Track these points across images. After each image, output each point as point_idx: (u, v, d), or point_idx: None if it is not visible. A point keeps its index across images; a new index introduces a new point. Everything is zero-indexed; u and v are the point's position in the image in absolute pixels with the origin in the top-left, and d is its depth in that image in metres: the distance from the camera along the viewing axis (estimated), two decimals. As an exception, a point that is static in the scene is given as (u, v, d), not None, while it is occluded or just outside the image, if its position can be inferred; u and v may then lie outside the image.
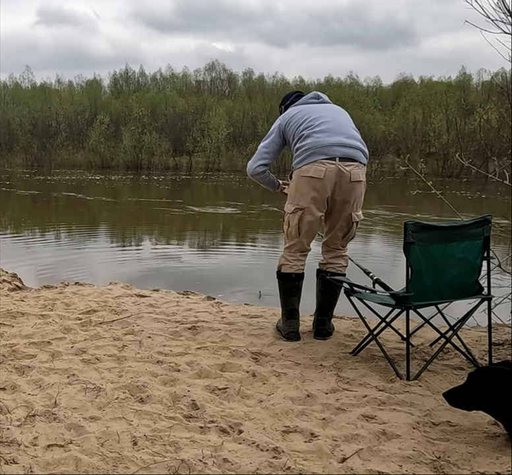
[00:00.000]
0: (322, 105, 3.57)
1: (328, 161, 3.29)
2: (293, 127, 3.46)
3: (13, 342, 3.41)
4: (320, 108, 3.52)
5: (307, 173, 3.32)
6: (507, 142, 4.05)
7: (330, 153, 3.29)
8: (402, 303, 2.88)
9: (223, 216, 13.54)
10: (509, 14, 3.24)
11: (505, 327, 3.67)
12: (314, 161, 3.31)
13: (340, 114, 3.53)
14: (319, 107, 3.52)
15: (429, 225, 2.85)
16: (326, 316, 3.59)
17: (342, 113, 3.55)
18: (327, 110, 3.51)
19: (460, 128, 35.49)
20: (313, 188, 3.33)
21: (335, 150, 3.30)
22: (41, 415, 2.43)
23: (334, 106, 3.61)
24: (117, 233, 11.07)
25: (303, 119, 3.44)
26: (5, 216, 12.79)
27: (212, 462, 2.06)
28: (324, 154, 3.29)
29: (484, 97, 34.41)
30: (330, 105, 3.60)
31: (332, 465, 2.05)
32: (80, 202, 16.87)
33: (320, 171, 3.29)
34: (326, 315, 3.59)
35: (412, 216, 11.79)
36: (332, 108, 3.56)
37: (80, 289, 4.88)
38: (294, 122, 3.47)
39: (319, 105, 3.56)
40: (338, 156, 3.30)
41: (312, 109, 3.50)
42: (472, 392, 2.23)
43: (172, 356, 3.19)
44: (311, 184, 3.33)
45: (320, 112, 3.47)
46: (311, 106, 3.54)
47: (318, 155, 3.30)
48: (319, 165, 3.30)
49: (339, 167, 3.29)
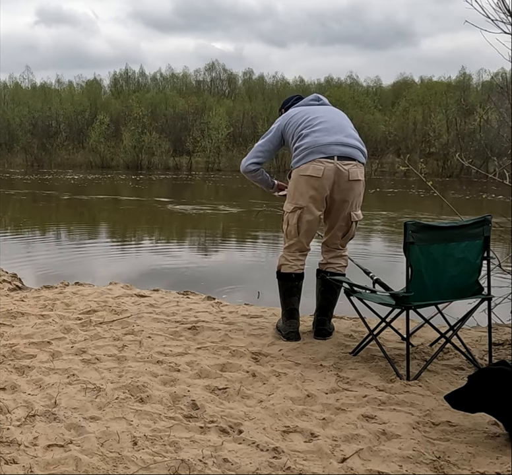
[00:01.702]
0: (322, 106, 3.61)
1: (326, 160, 3.29)
2: (292, 127, 3.47)
3: (13, 342, 3.41)
4: (319, 109, 3.55)
5: (306, 172, 3.32)
6: (507, 142, 4.05)
7: (328, 152, 3.29)
8: (402, 303, 2.88)
9: (223, 216, 13.54)
10: (509, 14, 3.24)
11: (505, 327, 3.67)
12: (312, 160, 3.31)
13: (339, 115, 3.56)
14: (318, 109, 3.56)
15: (429, 225, 2.85)
16: (326, 316, 3.59)
17: (341, 114, 3.59)
18: (326, 111, 3.55)
19: (460, 128, 35.48)
20: (312, 187, 3.33)
21: (333, 148, 3.30)
22: (41, 415, 2.43)
23: (334, 108, 3.65)
24: (117, 233, 11.07)
25: (302, 119, 3.46)
26: (5, 215, 12.79)
27: (212, 462, 2.06)
28: (323, 152, 3.30)
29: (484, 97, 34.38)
30: (330, 107, 3.64)
31: (332, 465, 2.05)
32: (80, 202, 16.87)
33: (319, 170, 3.29)
34: (326, 315, 3.59)
35: (412, 216, 11.80)
36: (332, 110, 3.60)
37: (80, 289, 4.88)
38: (294, 122, 3.48)
39: (319, 107, 3.59)
40: (336, 154, 3.30)
41: (311, 110, 3.53)
42: (472, 394, 2.23)
43: (172, 356, 3.19)
44: (310, 183, 3.33)
45: (320, 113, 3.50)
46: (311, 107, 3.57)
47: (316, 154, 3.30)
48: (317, 163, 3.30)
49: (337, 166, 3.29)
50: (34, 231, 10.94)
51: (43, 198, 17.57)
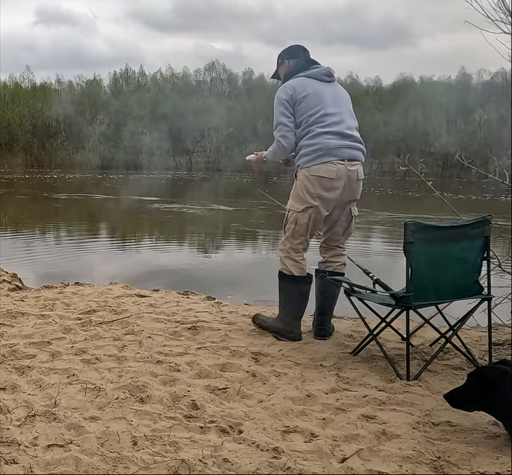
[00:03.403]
0: (332, 91, 3.52)
1: (338, 162, 3.38)
2: (304, 111, 3.42)
3: (13, 342, 3.40)
4: (330, 98, 3.47)
5: (318, 172, 3.37)
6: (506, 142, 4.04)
7: (339, 154, 3.38)
8: (402, 303, 2.88)
9: (224, 215, 13.54)
10: (509, 14, 3.24)
11: (505, 327, 3.67)
12: (325, 162, 3.37)
13: (346, 105, 3.54)
14: (329, 97, 3.48)
15: (429, 225, 2.85)
16: (326, 316, 3.60)
17: (347, 103, 3.56)
18: (337, 101, 3.49)
19: (460, 128, 35.48)
20: (323, 187, 3.38)
21: (344, 151, 3.39)
22: (41, 415, 2.43)
23: (341, 93, 3.59)
24: (118, 233, 11.07)
25: (314, 109, 3.41)
26: (5, 215, 12.79)
27: (212, 462, 2.06)
28: (334, 155, 3.37)
29: (484, 97, 34.40)
30: (339, 92, 3.57)
31: (332, 465, 2.05)
32: (80, 201, 16.88)
33: (332, 171, 3.36)
34: (326, 315, 3.60)
35: (412, 216, 11.80)
36: (340, 97, 3.55)
37: (80, 289, 4.88)
38: (306, 106, 3.42)
39: (330, 92, 3.50)
40: (346, 157, 3.40)
41: (324, 98, 3.45)
42: (471, 393, 2.23)
43: (172, 356, 3.19)
44: (321, 183, 3.37)
45: (331, 105, 3.45)
46: (323, 91, 3.47)
47: (328, 156, 3.37)
48: (330, 165, 3.37)
49: (347, 167, 3.39)
50: (34, 231, 10.94)
51: (43, 198, 17.57)
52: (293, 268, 3.50)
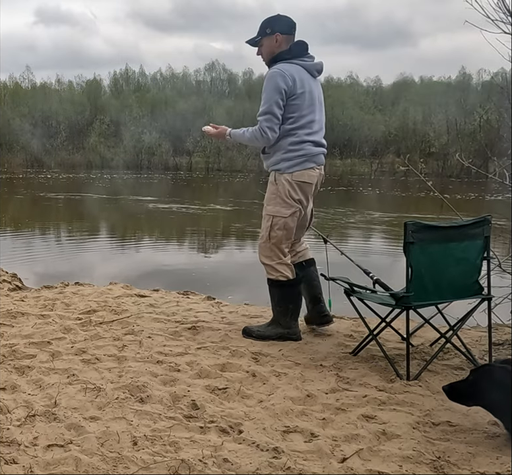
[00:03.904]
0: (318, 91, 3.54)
1: (317, 167, 3.54)
2: (296, 109, 3.41)
3: (13, 342, 3.41)
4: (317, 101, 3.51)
5: (301, 178, 3.47)
6: (507, 142, 4.05)
7: (318, 161, 3.55)
8: (402, 303, 2.89)
9: (223, 216, 13.54)
10: (509, 14, 3.24)
11: (505, 327, 3.67)
12: (308, 168, 3.49)
13: (323, 109, 3.61)
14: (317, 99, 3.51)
15: (429, 225, 2.85)
16: (322, 302, 3.70)
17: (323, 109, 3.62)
18: (321, 105, 3.56)
19: (460, 128, 35.48)
20: (305, 192, 3.51)
21: (320, 158, 3.58)
22: (41, 415, 2.43)
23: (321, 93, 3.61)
24: (118, 233, 11.07)
25: (306, 110, 3.43)
26: (5, 215, 12.79)
27: (212, 462, 2.06)
28: (314, 161, 3.52)
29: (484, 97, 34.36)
30: (321, 93, 3.60)
31: (332, 465, 2.05)
32: (80, 201, 16.88)
33: (313, 176, 3.52)
34: (321, 301, 3.70)
35: (412, 216, 11.80)
36: (322, 99, 3.60)
37: (80, 289, 4.88)
38: (300, 105, 3.41)
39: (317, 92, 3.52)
40: (321, 163, 3.58)
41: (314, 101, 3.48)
42: (472, 388, 2.23)
43: (172, 356, 3.19)
44: (303, 188, 3.49)
45: (318, 110, 3.51)
46: (314, 90, 3.48)
47: (310, 162, 3.50)
48: (312, 171, 3.52)
49: (320, 172, 3.58)
50: (34, 231, 10.94)
51: (43, 198, 17.57)
52: (287, 272, 3.55)
